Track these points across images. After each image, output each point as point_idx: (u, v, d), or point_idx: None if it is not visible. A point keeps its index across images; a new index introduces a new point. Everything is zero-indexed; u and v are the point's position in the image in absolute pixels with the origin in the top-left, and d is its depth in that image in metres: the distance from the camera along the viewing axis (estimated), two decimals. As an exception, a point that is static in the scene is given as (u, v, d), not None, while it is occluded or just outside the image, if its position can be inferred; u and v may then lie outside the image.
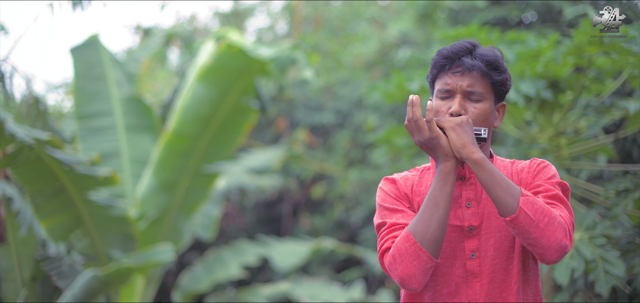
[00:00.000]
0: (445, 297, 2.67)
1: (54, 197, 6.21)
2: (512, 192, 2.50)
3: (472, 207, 2.69)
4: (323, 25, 13.71)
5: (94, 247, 6.76)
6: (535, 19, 7.45)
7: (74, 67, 7.72)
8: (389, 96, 5.31)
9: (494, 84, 2.68)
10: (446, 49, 2.70)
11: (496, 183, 2.51)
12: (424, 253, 2.54)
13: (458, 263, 2.67)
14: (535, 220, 2.48)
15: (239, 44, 7.32)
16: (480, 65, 2.65)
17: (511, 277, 2.65)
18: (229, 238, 11.21)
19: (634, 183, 4.39)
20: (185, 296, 8.20)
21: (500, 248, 2.66)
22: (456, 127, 2.56)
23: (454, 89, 2.66)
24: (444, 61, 2.69)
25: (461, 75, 2.65)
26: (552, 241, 2.49)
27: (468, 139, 2.55)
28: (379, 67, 12.17)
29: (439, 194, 2.56)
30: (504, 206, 2.51)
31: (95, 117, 7.63)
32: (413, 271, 2.55)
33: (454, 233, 2.68)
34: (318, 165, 11.89)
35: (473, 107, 2.66)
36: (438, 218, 2.54)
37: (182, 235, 7.73)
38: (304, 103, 12.47)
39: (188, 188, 7.62)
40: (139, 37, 12.83)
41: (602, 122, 4.60)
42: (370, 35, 12.60)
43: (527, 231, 2.49)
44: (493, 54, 2.69)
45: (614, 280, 4.08)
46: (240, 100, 7.56)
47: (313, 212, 12.33)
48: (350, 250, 9.34)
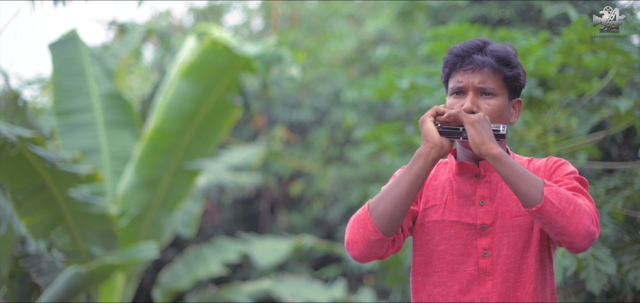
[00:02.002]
0: (456, 295, 2.66)
1: (35, 194, 6.14)
2: (535, 183, 2.49)
3: (485, 205, 2.68)
4: (299, 22, 13.70)
5: (74, 244, 6.69)
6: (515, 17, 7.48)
7: (53, 63, 7.62)
8: (378, 93, 5.31)
9: (506, 79, 2.67)
10: (457, 47, 2.70)
11: (518, 176, 2.50)
12: (371, 223, 2.56)
13: (470, 261, 2.66)
14: (561, 208, 2.46)
15: (224, 40, 7.28)
16: (491, 61, 2.64)
17: (526, 276, 2.64)
18: (207, 235, 11.17)
19: (623, 181, 4.41)
20: (166, 293, 8.15)
21: (514, 247, 2.64)
22: (475, 123, 2.54)
23: (465, 86, 2.66)
24: (455, 59, 2.68)
25: (472, 72, 2.65)
26: (580, 228, 2.48)
27: (487, 135, 2.53)
28: (357, 65, 12.18)
29: (404, 173, 2.57)
30: (528, 198, 2.49)
31: (74, 113, 7.55)
32: (357, 238, 2.59)
33: (465, 231, 2.67)
34: (296, 163, 11.87)
35: (486, 104, 2.65)
36: (394, 194, 2.55)
37: (163, 232, 7.68)
38: (281, 100, 12.45)
39: (170, 185, 7.57)
40: (114, 33, 12.73)
41: (592, 120, 4.62)
42: (348, 32, 12.61)
43: (554, 220, 2.47)
44: (504, 49, 2.68)
45: (605, 278, 4.10)
46: (223, 97, 7.52)
47: (291, 209, 12.31)
48: (330, 247, 9.33)
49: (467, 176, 2.72)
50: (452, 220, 2.68)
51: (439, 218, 2.70)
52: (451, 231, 2.68)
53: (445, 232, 2.68)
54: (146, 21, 13.13)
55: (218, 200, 11.33)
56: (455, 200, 2.70)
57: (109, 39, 12.89)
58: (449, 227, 2.68)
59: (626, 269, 4.29)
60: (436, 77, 5.17)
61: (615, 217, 4.67)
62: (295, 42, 12.51)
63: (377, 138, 5.71)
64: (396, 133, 5.61)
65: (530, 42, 4.70)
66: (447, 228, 2.68)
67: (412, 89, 5.02)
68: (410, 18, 8.90)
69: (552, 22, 6.73)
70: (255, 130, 12.39)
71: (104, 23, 13.02)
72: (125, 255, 6.55)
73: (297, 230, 11.70)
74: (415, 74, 5.08)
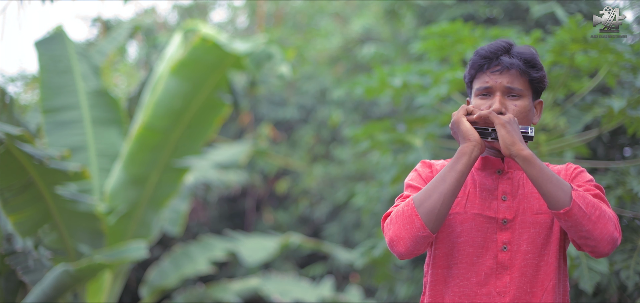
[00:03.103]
0: (473, 286, 2.70)
1: (22, 191, 6.09)
2: (563, 186, 2.54)
3: (507, 201, 2.72)
4: (285, 20, 13.67)
5: (62, 242, 6.65)
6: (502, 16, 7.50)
7: (39, 60, 7.56)
8: (370, 91, 5.30)
9: (531, 81, 2.74)
10: (484, 48, 2.75)
11: (547, 179, 2.55)
12: (418, 220, 2.58)
13: (489, 254, 2.70)
14: (588, 212, 2.52)
15: (214, 37, 7.25)
16: (519, 63, 2.71)
17: (546, 273, 2.68)
18: (193, 233, 11.13)
19: (616, 181, 4.44)
20: (153, 291, 8.11)
21: (533, 243, 2.69)
22: (506, 125, 2.59)
23: (493, 87, 2.72)
24: (482, 61, 2.74)
25: (500, 74, 2.71)
26: (605, 233, 2.54)
27: (517, 137, 2.58)
28: (343, 63, 12.18)
29: (448, 170, 2.61)
30: (556, 200, 2.54)
31: (61, 110, 7.49)
32: (403, 233, 2.60)
33: (486, 224, 2.71)
34: (282, 160, 11.86)
35: (513, 105, 2.71)
36: (441, 191, 2.58)
37: (150, 230, 7.64)
38: (267, 98, 12.43)
39: (158, 182, 7.53)
40: (98, 30, 12.65)
41: (585, 119, 4.65)
42: (333, 30, 12.60)
43: (580, 223, 2.52)
44: (530, 52, 2.75)
45: (598, 276, 4.13)
46: (213, 95, 7.49)
47: (276, 207, 12.30)
48: (318, 246, 9.33)
49: (490, 171, 2.76)
50: (474, 213, 2.73)
51: (461, 210, 2.74)
52: (472, 223, 2.72)
53: (466, 224, 2.72)
54: (131, 18, 13.04)
55: (204, 198, 11.30)
56: (477, 194, 2.75)
57: (92, 36, 12.80)
58: (470, 219, 2.72)
59: (618, 268, 4.32)
60: (428, 75, 5.18)
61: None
62: (280, 40, 12.49)
63: (368, 136, 5.71)
64: (387, 131, 5.61)
65: (523, 41, 4.71)
66: (468, 220, 2.72)
67: (404, 87, 5.02)
68: (397, 16, 8.91)
69: (539, 21, 6.76)
70: (242, 127, 12.36)
71: (88, 20, 12.93)
72: (115, 254, 6.51)
73: (283, 228, 11.69)
74: (408, 72, 5.09)
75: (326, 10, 13.51)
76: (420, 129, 5.60)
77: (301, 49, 12.27)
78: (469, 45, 5.03)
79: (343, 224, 11.14)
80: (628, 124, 4.57)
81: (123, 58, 13.26)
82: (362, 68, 11.57)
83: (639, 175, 4.46)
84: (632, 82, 5.01)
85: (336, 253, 9.31)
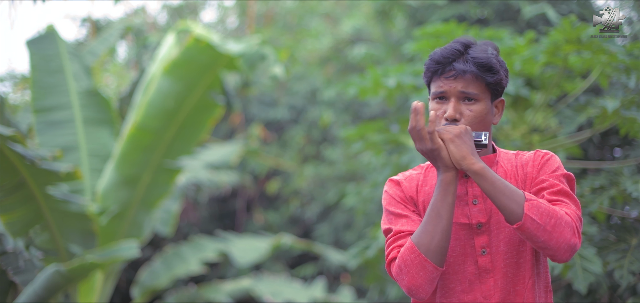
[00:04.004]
0: (459, 295, 2.68)
1: (13, 191, 6.07)
2: (516, 198, 2.51)
3: (478, 204, 2.69)
4: (275, 20, 13.67)
5: (53, 242, 6.62)
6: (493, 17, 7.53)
7: (30, 60, 7.53)
8: (364, 91, 5.31)
9: (488, 84, 2.66)
10: (438, 53, 2.68)
11: (499, 192, 2.52)
12: (430, 264, 2.55)
13: (469, 260, 2.68)
14: (542, 223, 2.49)
15: (207, 38, 7.24)
16: (472, 68, 2.63)
17: (525, 271, 2.66)
18: (183, 233, 11.12)
19: (609, 181, 4.46)
20: (144, 292, 8.09)
21: (510, 243, 2.67)
22: (455, 139, 2.54)
23: (448, 92, 2.65)
24: (435, 66, 2.67)
25: (454, 79, 2.64)
26: (561, 242, 2.51)
27: (467, 150, 2.54)
28: (333, 63, 12.19)
29: (441, 205, 2.56)
30: (509, 213, 2.52)
31: (52, 110, 7.46)
32: (419, 281, 2.57)
33: (462, 231, 2.68)
34: (273, 161, 11.85)
35: (468, 110, 2.65)
36: (441, 229, 2.55)
37: (142, 230, 7.62)
38: (258, 98, 12.43)
39: (150, 183, 7.51)
40: (87, 30, 12.61)
41: (578, 119, 4.66)
42: (324, 31, 12.60)
43: (535, 235, 2.50)
44: (485, 54, 2.66)
45: (591, 277, 4.14)
46: (206, 95, 7.48)
47: (267, 208, 12.29)
48: (309, 246, 9.33)
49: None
50: None
51: None
52: None
53: None
54: (121, 18, 13.01)
55: (194, 199, 11.28)
56: None
57: (81, 36, 12.76)
58: None
59: (611, 268, 4.33)
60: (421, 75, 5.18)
61: (597, 216, 4.72)
62: (271, 40, 12.48)
63: (361, 137, 5.71)
64: (381, 132, 5.62)
65: (517, 42, 4.73)
66: None
67: (398, 87, 5.02)
68: (388, 17, 8.92)
69: (531, 22, 6.78)
70: (232, 128, 12.35)
71: (77, 20, 12.90)
72: (106, 254, 6.49)
73: (273, 228, 11.69)
74: (402, 73, 5.09)
75: (316, 10, 13.51)
76: (414, 129, 5.58)
77: (292, 49, 12.27)
78: (463, 46, 5.02)
79: (334, 225, 11.15)
80: (620, 125, 4.59)
81: (113, 58, 13.22)
82: (353, 68, 11.58)
83: (632, 176, 4.48)
84: (622, 83, 5.03)
85: (327, 254, 9.31)
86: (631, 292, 4.78)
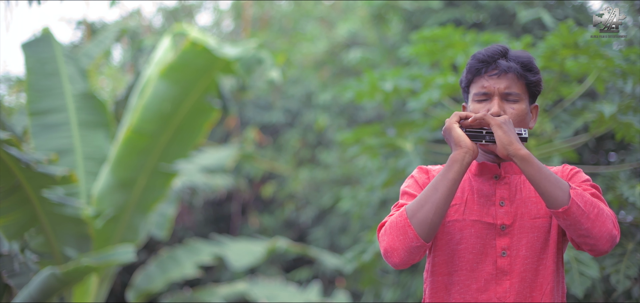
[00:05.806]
0: (474, 293, 2.71)
1: (9, 195, 6.05)
2: (561, 185, 2.55)
3: (505, 206, 2.73)
4: (270, 24, 13.66)
5: (48, 246, 6.61)
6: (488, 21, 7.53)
7: (26, 63, 7.51)
8: (361, 95, 5.31)
9: (528, 84, 2.75)
10: (481, 53, 2.77)
11: (545, 178, 2.55)
12: (411, 230, 2.58)
13: (488, 260, 2.71)
14: (586, 211, 2.53)
15: (204, 41, 7.24)
16: (516, 66, 2.72)
17: (544, 277, 2.69)
18: (178, 237, 11.10)
19: (605, 185, 4.46)
20: (139, 295, 8.08)
21: (532, 248, 2.70)
22: (502, 125, 2.61)
23: (491, 91, 2.73)
24: (479, 65, 2.75)
25: (498, 78, 2.72)
26: (604, 231, 2.55)
27: (514, 137, 2.60)
28: (329, 67, 12.19)
29: (440, 179, 2.61)
30: (554, 199, 2.55)
31: (48, 113, 7.44)
32: (397, 245, 2.61)
33: (485, 230, 2.72)
34: (268, 164, 11.85)
35: (511, 108, 2.72)
36: (433, 201, 2.59)
37: (138, 234, 7.61)
38: (253, 102, 12.42)
39: (145, 186, 7.50)
40: (82, 32, 12.59)
41: (575, 124, 4.67)
42: (319, 34, 12.60)
43: (579, 222, 2.53)
44: (526, 56, 2.77)
45: (588, 281, 4.15)
46: (202, 99, 7.47)
47: (262, 211, 12.28)
48: (304, 250, 9.32)
49: (487, 177, 2.77)
50: (472, 219, 2.73)
51: (460, 217, 2.74)
52: (471, 230, 2.72)
53: (466, 230, 2.73)
54: (116, 21, 12.99)
55: (190, 202, 11.27)
56: (475, 200, 2.75)
57: (77, 39, 12.74)
58: (469, 226, 2.73)
59: (607, 273, 4.34)
60: (419, 79, 5.19)
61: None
62: (266, 44, 12.48)
63: (357, 140, 5.71)
64: (377, 135, 5.62)
65: (513, 46, 4.73)
66: (467, 227, 2.73)
67: (395, 91, 5.02)
68: (384, 21, 8.92)
69: (526, 26, 6.79)
70: (228, 131, 12.34)
71: (72, 22, 12.87)
72: (102, 257, 6.48)
73: (268, 232, 11.68)
74: (398, 77, 5.09)
75: (312, 14, 13.51)
76: (410, 133, 5.61)
77: (287, 52, 12.27)
78: (460, 50, 5.05)
79: (329, 228, 11.15)
80: (617, 129, 4.60)
81: (108, 61, 13.20)
82: (348, 72, 11.58)
83: (628, 180, 4.49)
84: (619, 87, 5.04)
85: (322, 258, 9.31)
86: (626, 296, 4.79)
